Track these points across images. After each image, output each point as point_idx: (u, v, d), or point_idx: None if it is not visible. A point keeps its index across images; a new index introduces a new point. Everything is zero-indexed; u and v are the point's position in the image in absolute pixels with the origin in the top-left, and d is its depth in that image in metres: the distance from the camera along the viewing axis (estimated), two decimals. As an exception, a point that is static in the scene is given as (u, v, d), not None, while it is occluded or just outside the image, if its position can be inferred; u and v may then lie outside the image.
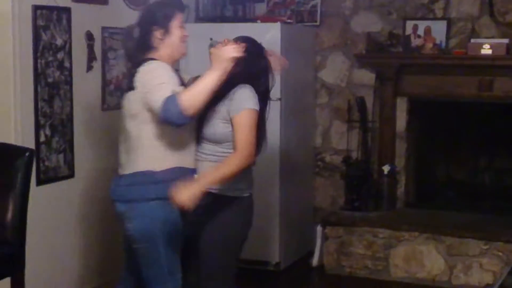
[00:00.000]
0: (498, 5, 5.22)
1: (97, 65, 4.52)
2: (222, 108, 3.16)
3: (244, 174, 3.16)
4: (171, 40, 3.22)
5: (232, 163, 3.07)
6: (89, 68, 4.47)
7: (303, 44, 5.53)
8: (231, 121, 3.13)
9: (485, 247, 4.90)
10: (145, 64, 3.14)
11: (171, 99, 2.93)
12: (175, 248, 3.17)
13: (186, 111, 2.93)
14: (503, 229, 4.99)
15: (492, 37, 5.21)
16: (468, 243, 4.94)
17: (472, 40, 5.22)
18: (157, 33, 3.19)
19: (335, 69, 5.71)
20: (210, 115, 3.18)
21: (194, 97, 2.95)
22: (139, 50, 3.22)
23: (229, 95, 3.16)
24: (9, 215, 3.35)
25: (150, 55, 3.20)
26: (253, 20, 5.36)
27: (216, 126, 3.17)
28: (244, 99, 3.13)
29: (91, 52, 4.47)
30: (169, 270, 3.15)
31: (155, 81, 3.03)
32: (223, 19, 5.44)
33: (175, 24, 3.23)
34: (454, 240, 4.98)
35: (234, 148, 3.12)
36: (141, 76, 3.10)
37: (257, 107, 3.14)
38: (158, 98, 2.97)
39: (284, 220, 5.24)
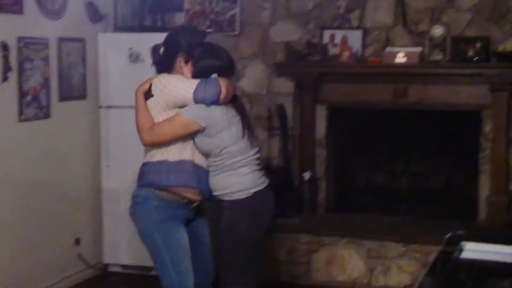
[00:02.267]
0: (411, 15, 5.36)
1: (12, 75, 4.45)
2: None
3: (234, 178, 3.37)
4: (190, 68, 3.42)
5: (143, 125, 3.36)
6: (5, 79, 4.39)
7: (223, 53, 5.56)
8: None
9: (403, 249, 5.03)
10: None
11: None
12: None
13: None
14: (419, 231, 5.13)
15: (406, 46, 5.36)
16: (387, 246, 5.07)
17: (387, 49, 5.34)
18: (181, 59, 3.42)
19: (255, 78, 5.76)
20: None
21: None
22: (161, 69, 3.48)
23: None
24: None
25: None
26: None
27: (197, 140, 3.37)
28: (189, 107, 3.32)
29: (6, 62, 4.39)
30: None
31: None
32: (142, 28, 5.42)
33: None
34: (373, 243, 5.10)
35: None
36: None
37: (190, 116, 3.31)
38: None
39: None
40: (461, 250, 2.60)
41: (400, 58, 5.22)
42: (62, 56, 4.90)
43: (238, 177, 3.38)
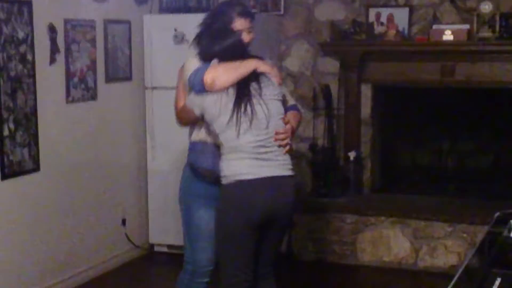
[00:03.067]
0: (458, -9, 5.30)
1: (60, 57, 4.50)
2: None
3: (224, 163, 3.20)
4: None
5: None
6: (52, 60, 4.45)
7: (268, 33, 5.55)
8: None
9: (450, 229, 4.99)
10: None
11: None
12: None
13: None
14: (467, 211, 5.08)
15: (453, 23, 5.27)
16: (433, 226, 5.03)
17: (434, 27, 5.28)
18: None
19: (299, 58, 5.74)
20: None
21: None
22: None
23: None
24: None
25: None
26: (217, 10, 5.35)
27: None
28: (190, 94, 3.28)
29: (54, 44, 4.45)
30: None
31: None
32: (187, 9, 5.43)
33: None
34: (419, 223, 5.06)
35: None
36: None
37: (188, 102, 3.26)
38: None
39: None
40: (510, 230, 2.56)
41: (448, 36, 5.16)
42: (108, 38, 4.94)
43: (226, 162, 3.18)
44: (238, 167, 3.15)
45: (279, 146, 3.18)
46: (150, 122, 5.26)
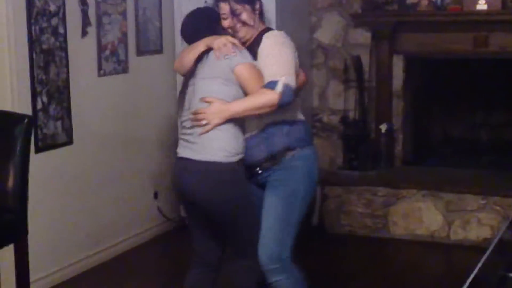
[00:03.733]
0: (493, -40, 5.19)
1: (92, 30, 4.50)
2: None
3: None
4: None
5: None
6: (84, 33, 4.45)
7: (298, 4, 5.50)
8: None
9: (483, 202, 4.94)
10: None
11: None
12: None
13: None
14: (500, 184, 5.03)
15: (487, -8, 5.19)
16: (466, 199, 4.98)
17: (467, -4, 5.20)
18: None
19: (330, 29, 5.68)
20: None
21: None
22: None
23: None
24: (10, 182, 3.34)
25: None
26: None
27: None
28: None
29: (86, 17, 4.44)
30: None
31: None
32: (217, -19, 5.39)
33: None
34: (452, 196, 5.01)
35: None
36: None
37: None
38: None
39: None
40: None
41: (481, 5, 5.08)
42: (139, 10, 4.93)
43: None
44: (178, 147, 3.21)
45: (194, 126, 3.05)
46: (181, 95, 5.25)
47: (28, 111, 4.01)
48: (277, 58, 3.05)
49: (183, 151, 3.13)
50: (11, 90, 3.98)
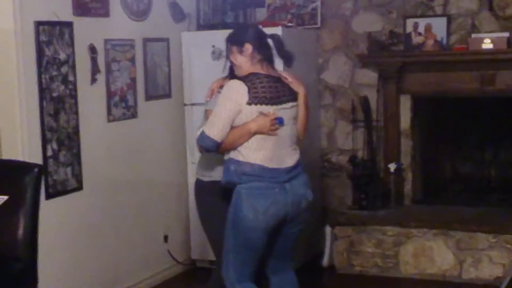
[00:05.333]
0: (497, 0, 5.24)
1: (101, 77, 4.57)
2: None
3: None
4: None
5: None
6: (93, 80, 4.52)
7: (305, 46, 5.56)
8: None
9: (494, 240, 4.92)
10: None
11: None
12: None
13: None
14: (510, 222, 5.01)
15: (492, 32, 5.22)
16: (476, 237, 4.97)
17: (473, 35, 5.24)
18: None
19: (337, 70, 5.74)
20: None
21: None
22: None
23: None
24: (20, 231, 3.34)
25: None
26: (254, 25, 5.38)
27: None
28: None
29: (95, 64, 4.52)
30: None
31: None
32: (224, 25, 5.46)
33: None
34: (462, 234, 5.00)
35: None
36: None
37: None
38: None
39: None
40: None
41: (487, 44, 5.11)
42: (147, 56, 5.00)
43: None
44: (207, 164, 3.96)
45: None
46: (190, 139, 5.29)
47: (38, 158, 4.07)
48: (215, 109, 3.44)
49: None
50: (22, 138, 4.04)
